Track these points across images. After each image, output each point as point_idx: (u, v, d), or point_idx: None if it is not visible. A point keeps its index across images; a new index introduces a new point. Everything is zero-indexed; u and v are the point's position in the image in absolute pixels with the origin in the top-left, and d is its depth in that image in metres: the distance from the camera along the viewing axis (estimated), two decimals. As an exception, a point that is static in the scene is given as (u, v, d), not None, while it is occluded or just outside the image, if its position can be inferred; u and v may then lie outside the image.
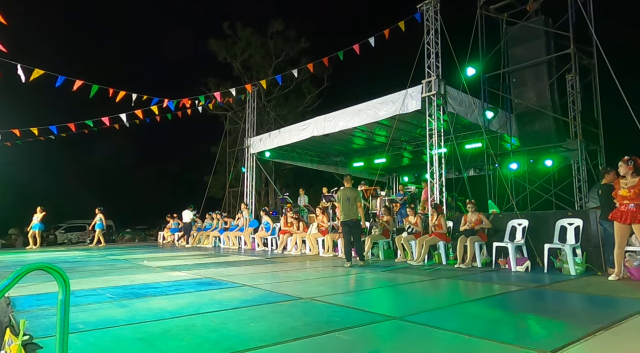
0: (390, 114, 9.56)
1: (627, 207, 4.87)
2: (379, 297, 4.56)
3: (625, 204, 4.90)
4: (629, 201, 4.84)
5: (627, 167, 4.93)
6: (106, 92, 10.39)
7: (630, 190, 4.85)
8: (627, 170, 4.93)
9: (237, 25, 23.09)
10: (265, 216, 12.00)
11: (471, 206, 7.31)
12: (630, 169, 4.92)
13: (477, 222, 7.09)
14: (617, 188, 5.03)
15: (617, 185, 5.04)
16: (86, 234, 21.43)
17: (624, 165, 4.97)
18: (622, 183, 4.97)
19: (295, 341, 2.61)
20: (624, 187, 4.92)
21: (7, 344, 1.83)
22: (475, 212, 7.22)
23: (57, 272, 1.57)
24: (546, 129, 10.17)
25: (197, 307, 3.65)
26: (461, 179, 10.61)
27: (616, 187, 5.05)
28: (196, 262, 8.04)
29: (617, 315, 3.22)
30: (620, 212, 4.93)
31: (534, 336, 2.74)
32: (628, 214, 4.84)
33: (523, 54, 10.55)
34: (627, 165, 4.93)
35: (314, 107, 23.28)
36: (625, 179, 4.97)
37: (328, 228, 9.87)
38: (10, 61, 8.65)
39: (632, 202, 4.82)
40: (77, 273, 6.36)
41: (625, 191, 4.88)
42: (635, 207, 4.81)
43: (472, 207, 7.29)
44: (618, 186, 5.03)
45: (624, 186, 4.92)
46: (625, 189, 4.90)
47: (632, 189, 4.84)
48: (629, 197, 4.83)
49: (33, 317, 3.23)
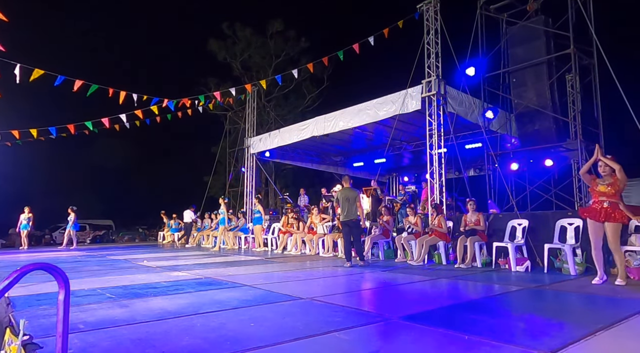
0: (390, 114, 9.56)
1: (601, 205, 4.70)
2: (379, 297, 4.56)
3: (600, 201, 4.73)
4: (606, 198, 4.68)
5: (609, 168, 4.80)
6: (106, 93, 10.39)
7: (608, 187, 4.68)
8: (607, 171, 4.77)
9: (237, 25, 23.12)
10: (258, 205, 11.78)
11: (472, 205, 7.30)
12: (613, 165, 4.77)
13: (477, 222, 7.09)
14: (594, 184, 4.85)
15: (594, 181, 4.88)
16: (86, 234, 21.44)
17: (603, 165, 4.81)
18: (599, 179, 4.85)
19: (295, 341, 2.61)
20: (602, 183, 4.76)
21: (7, 344, 1.83)
22: (475, 212, 7.23)
23: (57, 272, 1.57)
24: (546, 129, 10.17)
25: (197, 307, 3.65)
26: (461, 179, 10.61)
27: (592, 183, 4.88)
28: (196, 262, 8.05)
29: (617, 315, 3.22)
30: (595, 210, 4.75)
31: (534, 336, 2.74)
32: (602, 212, 4.66)
33: (523, 54, 10.54)
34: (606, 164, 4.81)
35: (314, 107, 23.30)
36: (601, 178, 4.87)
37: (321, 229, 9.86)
38: (10, 61, 8.65)
39: (609, 199, 4.66)
40: (77, 273, 6.36)
41: (604, 187, 4.71)
42: (611, 205, 4.64)
43: (472, 206, 7.28)
44: (595, 182, 4.86)
45: (602, 182, 4.77)
46: (603, 185, 4.72)
47: (610, 186, 4.68)
48: (607, 193, 4.68)
49: (33, 317, 3.23)
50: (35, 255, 10.91)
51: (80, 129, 12.06)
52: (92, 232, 21.92)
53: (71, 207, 13.76)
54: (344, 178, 7.85)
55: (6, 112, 14.39)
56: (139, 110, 11.40)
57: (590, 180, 4.95)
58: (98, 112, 11.65)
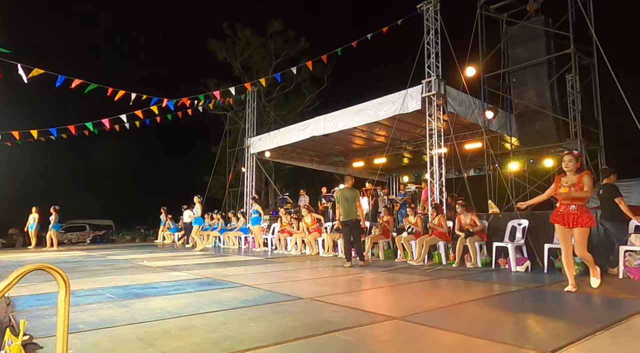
0: (390, 114, 9.56)
1: (567, 208, 4.32)
2: (379, 297, 4.56)
3: (566, 205, 4.34)
4: (570, 201, 4.30)
5: (576, 163, 4.38)
6: (106, 93, 10.38)
7: (571, 189, 4.28)
8: (574, 167, 4.36)
9: (237, 25, 23.13)
10: (256, 204, 11.59)
11: (459, 207, 7.27)
12: (578, 166, 4.39)
13: (473, 224, 7.07)
14: (557, 186, 4.44)
15: (557, 183, 4.46)
16: (86, 234, 21.44)
17: (573, 161, 4.37)
18: (563, 181, 4.41)
19: (295, 341, 2.61)
20: (565, 185, 4.35)
21: (7, 344, 1.83)
22: (467, 213, 7.18)
23: (57, 272, 1.57)
24: (546, 129, 10.17)
25: (197, 307, 3.65)
26: (461, 179, 10.61)
27: (556, 185, 4.47)
28: (196, 262, 8.05)
29: (617, 315, 3.22)
30: (561, 215, 4.36)
31: (533, 336, 2.74)
32: (570, 216, 4.28)
33: (523, 54, 10.54)
34: (577, 161, 4.39)
35: (314, 107, 23.32)
36: (565, 177, 4.43)
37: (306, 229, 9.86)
38: (10, 61, 8.65)
39: (574, 202, 4.28)
40: (77, 273, 6.36)
41: (567, 189, 4.31)
42: (578, 208, 4.27)
43: (460, 208, 7.25)
44: (558, 184, 4.45)
45: (565, 184, 4.36)
46: (566, 188, 4.32)
47: (573, 187, 4.28)
48: (571, 198, 4.29)
49: (33, 317, 3.23)
50: (35, 255, 10.91)
51: (80, 130, 12.06)
52: (92, 232, 21.92)
53: (53, 206, 13.37)
54: (346, 177, 7.73)
55: (6, 112, 14.41)
56: (139, 110, 11.39)
57: (554, 189, 4.53)
58: (98, 112, 11.66)
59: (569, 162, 4.35)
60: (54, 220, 13.28)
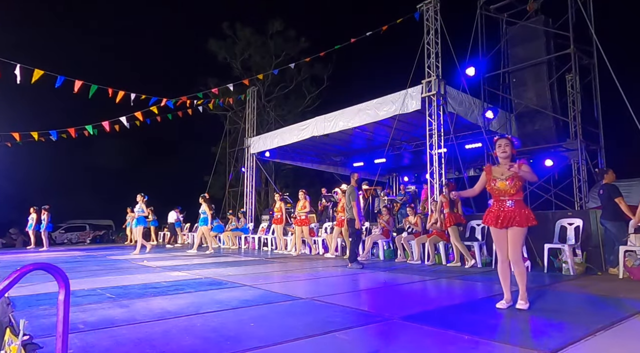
0: (390, 114, 9.57)
1: (503, 205, 3.59)
2: (379, 297, 4.56)
3: (502, 201, 3.60)
4: (508, 197, 3.56)
5: (512, 149, 3.66)
6: (106, 94, 10.38)
7: (508, 182, 3.54)
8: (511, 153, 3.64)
9: (237, 25, 23.14)
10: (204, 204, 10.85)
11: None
12: (514, 152, 3.69)
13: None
14: (490, 178, 3.67)
15: (489, 174, 3.68)
16: (86, 234, 21.43)
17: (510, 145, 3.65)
18: (497, 172, 3.64)
19: (295, 341, 2.61)
20: (501, 178, 3.59)
21: (7, 344, 1.83)
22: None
23: (57, 272, 1.57)
24: (546, 129, 10.18)
25: (197, 307, 3.65)
26: (461, 179, 10.61)
27: (488, 178, 3.68)
28: (196, 262, 8.04)
29: (617, 315, 3.22)
30: (495, 214, 3.63)
31: (534, 336, 2.74)
32: (505, 216, 3.56)
33: (523, 54, 10.55)
34: (513, 147, 3.67)
35: (314, 107, 23.30)
36: (499, 168, 3.66)
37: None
38: (10, 61, 8.65)
39: (512, 198, 3.55)
40: (77, 273, 6.36)
41: (504, 183, 3.56)
42: (515, 205, 3.55)
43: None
44: (490, 175, 3.67)
45: (501, 177, 3.59)
46: (502, 181, 3.57)
47: (510, 181, 3.54)
48: (508, 192, 3.55)
49: (33, 317, 3.23)
50: (35, 255, 10.91)
51: (80, 131, 12.05)
52: (92, 232, 21.89)
53: (43, 206, 13.34)
54: (352, 175, 7.57)
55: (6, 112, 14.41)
56: (139, 112, 11.39)
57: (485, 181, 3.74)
58: (98, 112, 11.66)
59: (506, 146, 3.63)
60: (46, 221, 13.31)
